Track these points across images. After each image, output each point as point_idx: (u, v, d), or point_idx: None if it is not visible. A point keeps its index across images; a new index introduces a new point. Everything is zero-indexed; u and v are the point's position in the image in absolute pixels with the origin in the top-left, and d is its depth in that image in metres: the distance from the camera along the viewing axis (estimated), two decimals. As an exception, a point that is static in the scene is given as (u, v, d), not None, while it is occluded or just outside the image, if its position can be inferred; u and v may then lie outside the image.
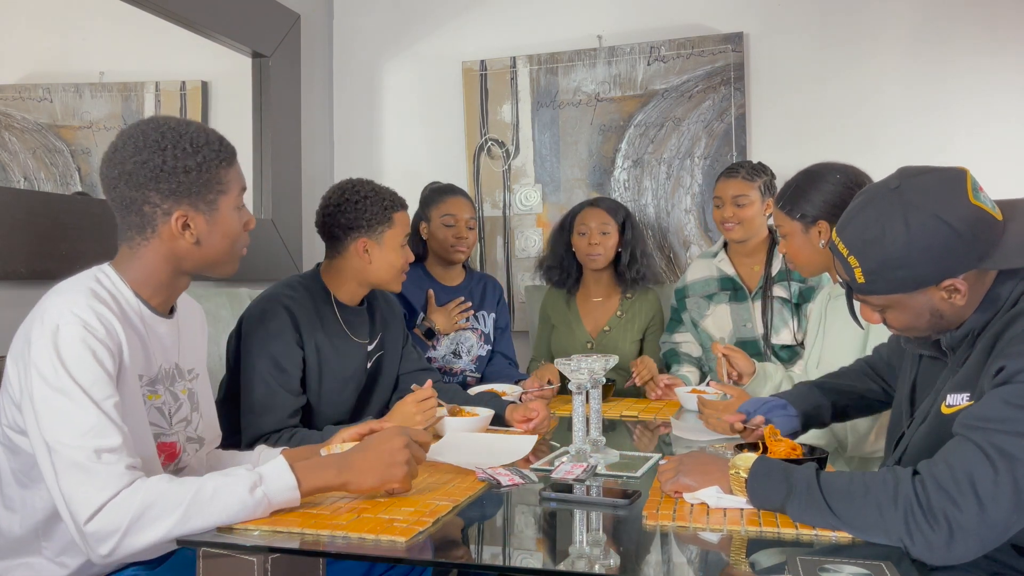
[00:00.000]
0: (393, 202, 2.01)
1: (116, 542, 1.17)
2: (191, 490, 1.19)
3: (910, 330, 1.31)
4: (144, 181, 1.33)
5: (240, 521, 1.20)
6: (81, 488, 1.18)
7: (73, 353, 1.23)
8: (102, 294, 1.32)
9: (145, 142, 1.33)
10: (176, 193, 1.34)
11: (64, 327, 1.24)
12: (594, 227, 2.64)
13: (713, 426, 1.83)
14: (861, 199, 1.27)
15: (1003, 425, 1.08)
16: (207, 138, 1.37)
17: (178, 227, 1.35)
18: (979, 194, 1.19)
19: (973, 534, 1.05)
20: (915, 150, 2.79)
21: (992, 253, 1.18)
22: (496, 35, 3.26)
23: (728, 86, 2.98)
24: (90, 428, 1.20)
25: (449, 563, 1.23)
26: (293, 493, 1.24)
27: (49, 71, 2.25)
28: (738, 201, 2.50)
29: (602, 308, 2.75)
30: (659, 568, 1.13)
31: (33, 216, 1.97)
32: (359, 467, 1.29)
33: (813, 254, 1.86)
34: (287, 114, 3.06)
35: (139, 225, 1.36)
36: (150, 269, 1.38)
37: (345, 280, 2.01)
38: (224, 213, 1.39)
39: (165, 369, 1.44)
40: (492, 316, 2.69)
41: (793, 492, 1.17)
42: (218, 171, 1.37)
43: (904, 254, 1.19)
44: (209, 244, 1.39)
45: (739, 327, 2.52)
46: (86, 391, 1.22)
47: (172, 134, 1.34)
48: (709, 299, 2.58)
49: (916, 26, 2.85)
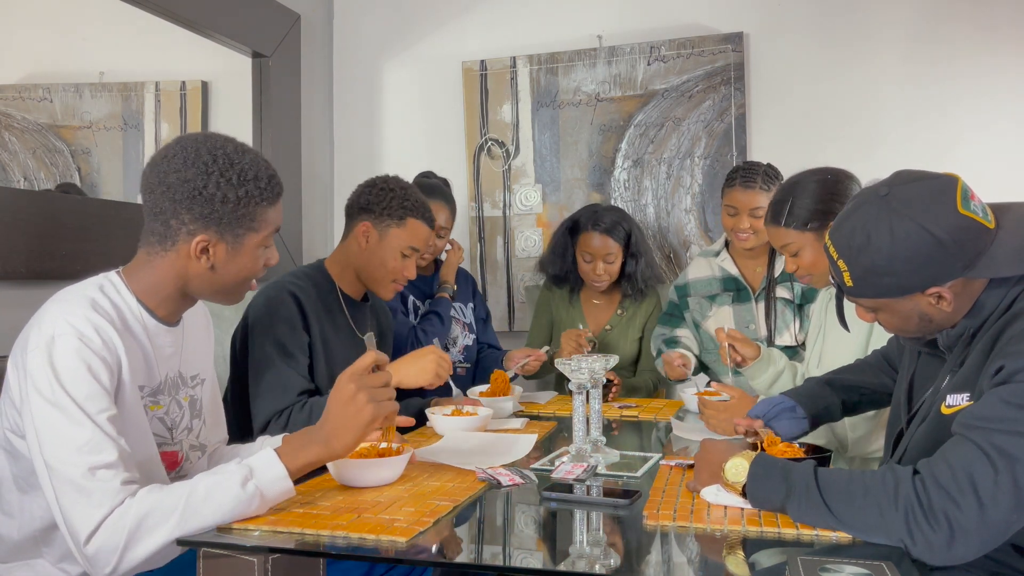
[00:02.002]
0: (415, 208, 2.00)
1: (117, 560, 1.17)
2: (184, 494, 1.19)
3: (901, 331, 1.33)
4: (180, 198, 1.32)
5: (237, 518, 1.20)
6: (77, 508, 1.18)
7: (68, 366, 1.22)
8: (103, 304, 1.31)
9: (195, 160, 1.33)
10: (207, 219, 1.33)
11: (59, 338, 1.23)
12: (598, 256, 2.62)
13: (714, 427, 1.83)
14: (852, 203, 1.29)
15: (1002, 425, 1.08)
16: (256, 173, 1.36)
17: (196, 250, 1.35)
18: (969, 203, 1.20)
19: (974, 534, 1.05)
20: (915, 150, 2.79)
21: (979, 262, 1.19)
22: (496, 35, 3.26)
23: (728, 86, 2.98)
24: (84, 443, 1.19)
25: (449, 563, 1.23)
26: (285, 483, 1.24)
27: (49, 71, 2.25)
28: (756, 213, 2.46)
29: (604, 307, 2.76)
30: (659, 568, 1.13)
31: (33, 216, 1.97)
32: (335, 433, 1.28)
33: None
34: (287, 114, 3.06)
35: (160, 235, 1.35)
36: (159, 281, 1.38)
37: (346, 268, 2.03)
38: (247, 249, 1.39)
39: (169, 378, 1.44)
40: (470, 306, 2.68)
41: (792, 493, 1.17)
42: (256, 208, 1.37)
43: (888, 262, 1.21)
44: (223, 274, 1.38)
45: (742, 329, 2.50)
46: (80, 405, 1.21)
47: (223, 160, 1.34)
48: (712, 299, 2.56)
49: (916, 26, 2.85)
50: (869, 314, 1.33)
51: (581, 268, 2.68)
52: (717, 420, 1.82)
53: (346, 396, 1.29)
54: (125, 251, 2.19)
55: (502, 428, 1.95)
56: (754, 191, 2.47)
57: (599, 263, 2.62)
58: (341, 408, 1.29)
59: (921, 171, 1.26)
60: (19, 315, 1.37)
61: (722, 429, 1.81)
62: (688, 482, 1.37)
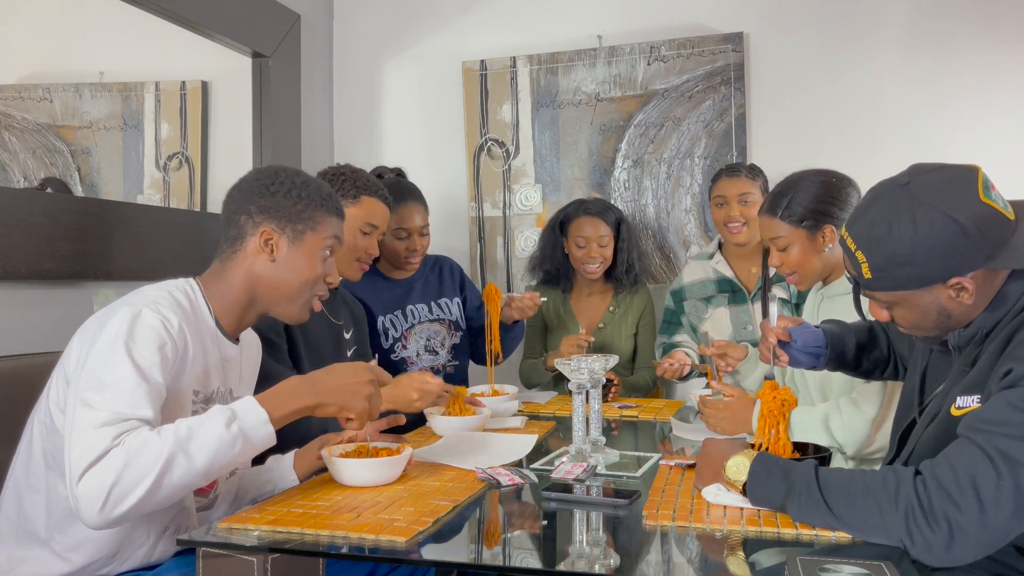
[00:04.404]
0: (367, 187, 2.06)
1: (105, 496, 1.13)
2: (169, 434, 1.18)
3: (918, 328, 1.30)
4: (251, 196, 1.47)
5: (220, 461, 1.20)
6: (84, 443, 1.16)
7: (144, 336, 1.28)
8: (184, 303, 1.40)
9: (267, 171, 1.51)
10: (270, 210, 1.46)
11: (146, 314, 1.30)
12: (592, 238, 2.63)
13: (713, 426, 1.83)
14: (871, 194, 1.26)
15: (1007, 428, 1.07)
16: (319, 187, 1.52)
17: (261, 241, 1.45)
18: (990, 192, 1.18)
19: (973, 536, 1.05)
20: (916, 150, 2.78)
21: (1001, 252, 1.17)
22: (496, 35, 3.26)
23: (728, 86, 2.98)
24: (127, 398, 1.21)
25: (449, 563, 1.23)
26: (267, 428, 1.25)
27: (49, 71, 2.25)
28: (744, 199, 2.49)
29: (596, 304, 2.76)
30: (659, 568, 1.13)
31: (33, 216, 1.97)
32: (327, 388, 1.32)
33: (818, 261, 1.85)
34: (287, 114, 3.06)
35: (233, 237, 1.47)
36: (230, 285, 1.46)
37: None
38: (307, 247, 1.48)
39: (220, 392, 1.47)
40: (457, 301, 2.59)
41: (793, 492, 1.16)
42: (315, 211, 1.49)
43: (911, 251, 1.18)
44: (284, 268, 1.46)
45: (739, 330, 2.50)
46: (141, 369, 1.25)
47: (291, 171, 1.52)
48: (707, 302, 2.57)
49: (916, 25, 2.85)
50: (884, 310, 1.30)
51: (574, 257, 2.69)
52: (717, 420, 1.82)
53: (356, 378, 1.35)
54: (125, 251, 2.21)
55: (502, 428, 1.95)
56: (739, 178, 2.52)
57: (593, 246, 2.64)
58: (343, 381, 1.34)
59: (939, 163, 1.24)
60: (19, 315, 1.37)
61: (722, 429, 1.81)
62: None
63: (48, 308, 1.37)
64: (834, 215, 1.82)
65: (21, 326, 1.36)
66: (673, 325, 2.66)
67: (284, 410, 1.28)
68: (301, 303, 1.50)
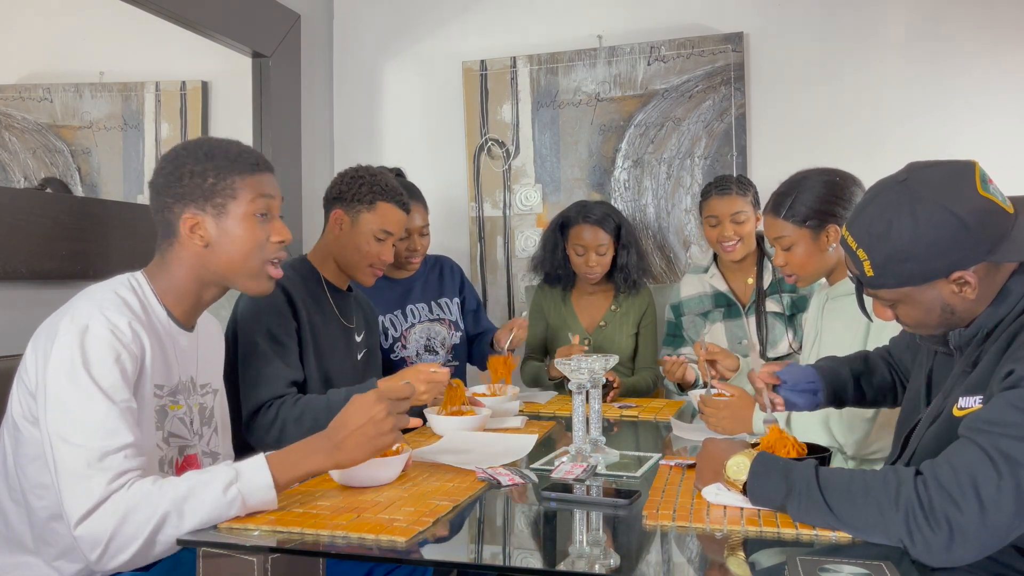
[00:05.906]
0: (384, 192, 2.03)
1: (103, 549, 1.17)
2: (169, 490, 1.19)
3: (922, 326, 1.29)
4: (163, 189, 1.41)
5: (216, 521, 1.20)
6: (77, 489, 1.19)
7: (99, 354, 1.25)
8: (132, 301, 1.36)
9: (171, 156, 1.43)
10: (183, 197, 1.40)
11: (92, 328, 1.27)
12: (590, 247, 2.62)
13: (713, 426, 1.83)
14: (870, 193, 1.26)
15: (1008, 429, 1.07)
16: (225, 150, 1.43)
17: (187, 229, 1.40)
18: (988, 186, 1.18)
19: (973, 537, 1.05)
20: (916, 149, 2.78)
21: (1002, 245, 1.17)
22: (496, 35, 3.26)
23: (728, 86, 2.98)
24: (101, 427, 1.21)
25: (449, 563, 1.23)
26: (269, 493, 1.23)
27: (49, 71, 2.25)
28: (736, 218, 2.48)
29: (597, 303, 2.76)
30: (659, 568, 1.13)
31: (33, 216, 1.97)
32: (348, 446, 1.28)
33: (821, 261, 1.85)
34: (287, 114, 3.06)
35: (166, 231, 1.43)
36: (175, 277, 1.43)
37: (327, 258, 2.06)
38: (234, 218, 1.42)
39: (182, 381, 1.46)
40: (456, 301, 2.62)
41: (793, 492, 1.16)
42: (228, 178, 1.41)
43: (912, 246, 1.18)
44: (220, 249, 1.41)
45: (734, 345, 2.50)
46: (104, 391, 1.23)
47: (192, 146, 1.43)
48: (704, 317, 2.57)
49: (916, 25, 2.85)
50: (888, 309, 1.29)
51: (574, 262, 2.69)
52: (717, 419, 1.82)
53: (375, 415, 1.29)
54: (125, 251, 2.21)
55: (502, 428, 1.95)
56: (731, 196, 2.49)
57: (591, 255, 2.63)
58: (364, 430, 1.29)
59: (936, 160, 1.24)
60: (19, 315, 1.38)
61: (722, 428, 1.81)
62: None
63: (48, 308, 1.37)
64: (838, 214, 1.82)
65: (21, 326, 1.36)
66: (677, 338, 2.66)
67: (294, 473, 1.27)
68: (254, 273, 1.45)
